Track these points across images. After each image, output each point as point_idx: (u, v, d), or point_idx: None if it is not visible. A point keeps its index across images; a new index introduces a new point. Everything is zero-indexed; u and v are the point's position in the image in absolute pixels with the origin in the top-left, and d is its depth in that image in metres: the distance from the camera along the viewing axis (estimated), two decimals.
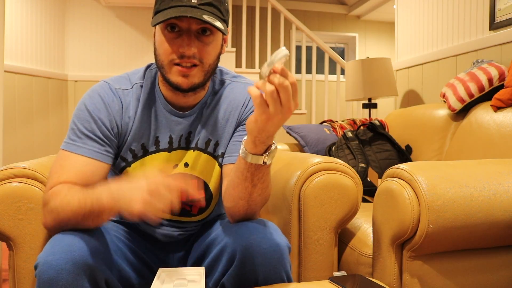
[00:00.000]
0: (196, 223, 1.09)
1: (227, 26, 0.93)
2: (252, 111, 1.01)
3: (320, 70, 4.74)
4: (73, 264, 0.74)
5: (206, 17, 0.84)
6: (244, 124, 1.01)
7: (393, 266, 1.04)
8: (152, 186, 0.74)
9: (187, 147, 1.00)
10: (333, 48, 4.89)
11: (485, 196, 0.99)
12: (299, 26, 4.01)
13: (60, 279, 0.73)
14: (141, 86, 0.98)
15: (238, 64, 4.26)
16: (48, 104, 3.50)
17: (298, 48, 4.66)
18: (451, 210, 0.96)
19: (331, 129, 2.20)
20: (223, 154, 1.02)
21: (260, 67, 4.46)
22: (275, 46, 4.59)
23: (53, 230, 0.85)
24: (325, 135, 2.12)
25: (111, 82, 0.98)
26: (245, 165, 0.83)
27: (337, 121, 2.29)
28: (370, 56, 2.90)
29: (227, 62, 3.75)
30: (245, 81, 1.07)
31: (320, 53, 4.39)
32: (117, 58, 3.89)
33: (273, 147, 0.83)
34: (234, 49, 3.92)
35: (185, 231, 1.07)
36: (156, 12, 0.90)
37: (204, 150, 1.01)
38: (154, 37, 0.94)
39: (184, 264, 1.08)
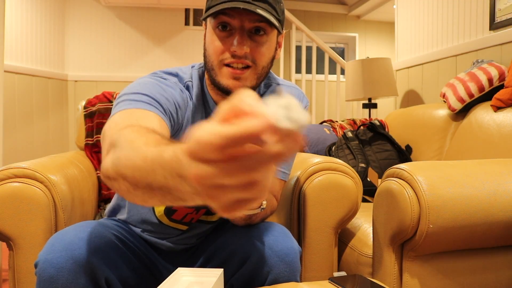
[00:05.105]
0: (208, 226, 1.03)
1: (282, 29, 0.87)
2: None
3: (320, 70, 4.74)
4: (73, 262, 0.74)
5: (260, 11, 0.78)
6: None
7: (393, 266, 1.03)
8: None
9: None
10: (333, 48, 4.88)
11: (485, 196, 0.99)
12: (299, 26, 4.00)
13: (61, 277, 0.73)
14: (192, 86, 0.92)
15: None
16: (48, 104, 3.50)
17: (298, 48, 4.65)
18: (451, 210, 0.96)
19: (331, 129, 2.20)
20: None
21: None
22: None
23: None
24: (325, 135, 2.12)
25: (169, 76, 0.89)
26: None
27: (337, 121, 2.28)
28: (370, 56, 2.89)
29: None
30: (289, 84, 1.03)
31: (320, 53, 4.39)
32: (117, 58, 3.89)
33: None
34: None
35: (191, 234, 1.03)
36: (207, 9, 0.84)
37: None
38: (205, 38, 0.88)
39: None
